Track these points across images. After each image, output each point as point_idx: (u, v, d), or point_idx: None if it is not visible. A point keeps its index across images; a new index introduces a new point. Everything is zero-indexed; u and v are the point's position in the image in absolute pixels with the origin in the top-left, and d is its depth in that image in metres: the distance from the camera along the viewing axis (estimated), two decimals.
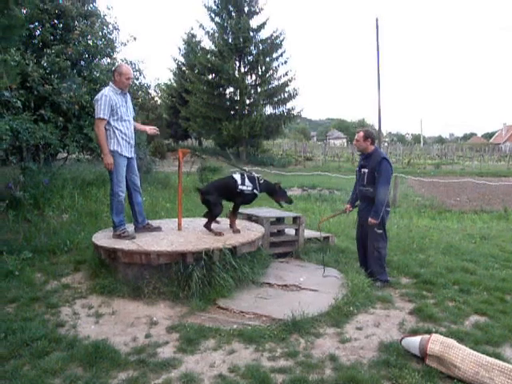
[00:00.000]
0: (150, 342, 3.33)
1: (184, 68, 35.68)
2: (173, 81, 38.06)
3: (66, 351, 3.10)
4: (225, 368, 2.98)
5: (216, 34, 28.99)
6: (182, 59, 36.56)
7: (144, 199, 5.38)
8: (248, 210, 6.31)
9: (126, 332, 3.50)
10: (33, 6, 8.10)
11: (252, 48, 28.82)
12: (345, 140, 70.93)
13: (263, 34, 29.39)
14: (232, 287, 4.27)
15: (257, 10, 28.89)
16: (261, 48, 28.71)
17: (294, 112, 29.91)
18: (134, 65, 10.75)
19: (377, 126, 23.92)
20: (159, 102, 37.69)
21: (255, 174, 5.09)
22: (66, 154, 9.91)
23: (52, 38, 9.00)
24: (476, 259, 5.91)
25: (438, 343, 2.99)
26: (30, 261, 5.01)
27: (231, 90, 29.70)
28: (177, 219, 5.27)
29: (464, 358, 2.87)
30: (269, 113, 29.61)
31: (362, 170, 4.91)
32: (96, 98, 4.66)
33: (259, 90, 28.92)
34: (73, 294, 4.19)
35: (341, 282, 4.75)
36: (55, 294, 4.18)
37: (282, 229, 5.98)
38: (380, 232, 4.75)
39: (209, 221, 5.01)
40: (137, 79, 11.10)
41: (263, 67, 28.83)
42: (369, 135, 4.88)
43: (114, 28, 10.11)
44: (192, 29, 35.92)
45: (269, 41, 28.79)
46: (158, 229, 5.11)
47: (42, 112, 8.08)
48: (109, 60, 10.19)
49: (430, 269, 5.35)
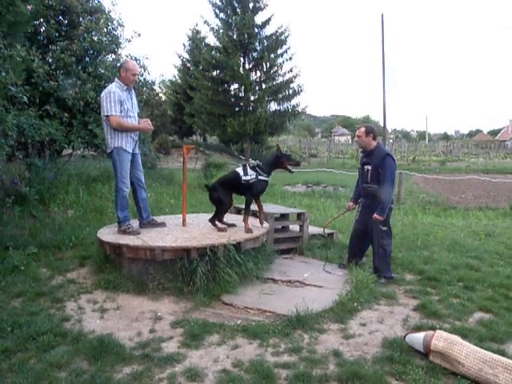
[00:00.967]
0: (154, 336, 3.35)
1: (188, 64, 35.61)
2: (177, 77, 38.00)
3: (71, 345, 3.12)
4: (229, 363, 2.99)
5: (221, 31, 28.87)
6: (186, 55, 36.47)
7: (148, 195, 5.39)
8: (252, 207, 6.31)
9: (131, 327, 3.52)
10: (38, 2, 8.12)
11: (257, 44, 28.69)
12: (349, 137, 70.73)
13: (268, 31, 29.10)
14: (236, 283, 4.28)
15: (261, 6, 28.74)
16: (265, 44, 28.58)
17: (299, 108, 29.77)
18: (139, 61, 10.73)
19: (382, 123, 23.82)
20: (164, 98, 37.63)
21: (256, 162, 4.94)
22: (71, 150, 9.95)
23: (57, 34, 9.01)
24: (481, 256, 5.89)
25: (441, 339, 2.99)
26: (35, 256, 5.05)
27: (236, 86, 29.60)
28: (181, 215, 5.28)
29: (468, 354, 2.87)
30: (273, 109, 29.51)
31: (365, 167, 4.86)
32: (103, 95, 4.65)
33: (264, 86, 28.82)
34: (78, 289, 4.22)
35: (345, 278, 4.75)
36: (60, 289, 4.21)
37: (287, 225, 5.98)
38: (385, 229, 4.74)
39: (214, 216, 5.01)
40: (141, 75, 11.10)
41: (268, 63, 28.71)
42: (370, 131, 4.85)
43: (119, 24, 10.09)
44: (197, 25, 35.74)
45: (273, 37, 28.66)
46: (163, 224, 5.13)
47: (47, 108, 8.10)
48: (114, 56, 10.18)
49: (435, 265, 5.34)
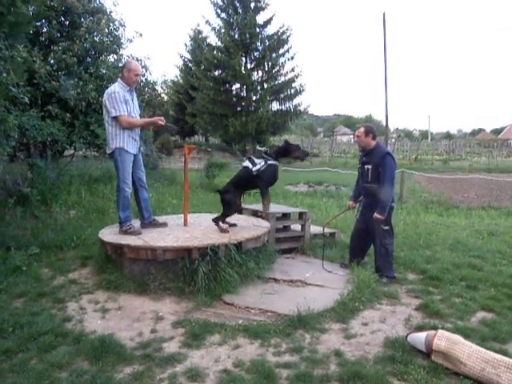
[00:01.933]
0: (155, 336, 3.35)
1: (190, 64, 35.62)
2: (179, 77, 38.03)
3: (72, 345, 3.12)
4: (230, 363, 2.99)
5: (222, 30, 28.88)
6: (188, 56, 36.50)
7: (150, 195, 5.41)
8: (253, 206, 6.32)
9: (132, 327, 3.52)
10: (39, 3, 8.14)
11: (258, 44, 28.71)
12: (352, 136, 70.60)
13: (270, 30, 29.16)
14: (237, 283, 4.28)
15: (263, 6, 28.72)
16: (267, 44, 28.59)
17: (301, 108, 29.79)
18: (141, 61, 10.73)
19: (384, 122, 23.78)
20: (166, 98, 37.68)
21: (263, 149, 5.06)
22: (72, 151, 9.97)
23: (59, 35, 9.02)
24: (483, 255, 5.87)
25: (444, 339, 2.98)
26: (37, 256, 5.07)
27: (238, 86, 29.63)
28: (183, 215, 5.28)
29: (470, 354, 2.85)
30: (275, 109, 29.53)
31: (366, 166, 4.85)
32: (106, 95, 4.65)
33: (266, 86, 28.83)
34: (79, 290, 4.23)
35: (347, 277, 4.74)
36: (62, 290, 4.22)
37: (288, 224, 5.97)
38: (386, 228, 4.72)
39: (220, 216, 4.99)
40: (143, 76, 11.11)
41: (270, 63, 28.72)
42: (370, 130, 4.84)
43: (120, 24, 10.10)
44: (198, 25, 35.76)
45: (275, 36, 28.66)
46: (164, 225, 5.13)
47: (49, 108, 8.11)
48: (115, 56, 10.19)
49: (437, 265, 5.32)
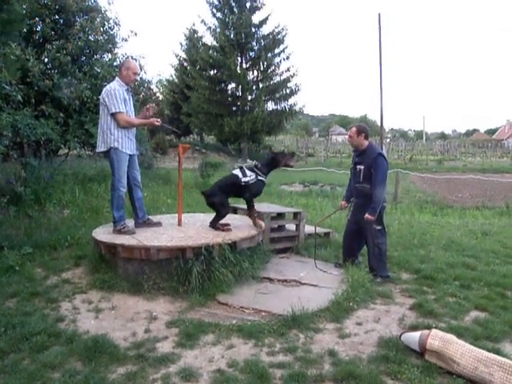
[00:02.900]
0: (149, 336, 3.33)
1: (186, 64, 35.52)
2: (174, 76, 37.91)
3: (65, 346, 3.10)
4: (224, 363, 2.98)
5: (218, 30, 28.86)
6: (183, 55, 36.38)
7: (145, 195, 5.39)
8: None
9: (126, 327, 3.50)
10: (33, 0, 8.09)
11: (254, 44, 28.71)
12: (347, 136, 70.74)
13: (265, 30, 29.16)
14: (232, 282, 4.26)
15: (259, 6, 28.72)
16: (263, 44, 28.59)
17: (296, 108, 29.83)
18: (136, 60, 10.70)
19: (379, 122, 23.83)
20: (161, 97, 37.56)
21: (254, 163, 5.02)
22: (67, 150, 9.92)
23: (53, 33, 8.97)
24: (477, 255, 5.90)
25: (437, 338, 2.99)
26: (30, 256, 5.03)
27: (233, 85, 29.63)
28: (177, 215, 5.26)
29: (463, 353, 2.86)
30: (271, 109, 29.55)
31: (358, 166, 4.85)
32: (106, 93, 4.62)
33: (261, 85, 28.83)
34: (73, 289, 4.19)
35: (341, 277, 4.75)
36: (55, 289, 4.19)
37: (283, 224, 5.97)
38: (379, 228, 4.73)
39: (214, 220, 4.93)
40: (138, 75, 11.07)
41: (265, 63, 28.72)
42: (362, 130, 4.85)
43: (115, 23, 10.05)
44: (194, 24, 35.63)
45: (271, 36, 28.66)
46: (159, 224, 5.11)
47: (42, 107, 8.07)
48: (110, 56, 10.15)
49: (431, 264, 5.34)
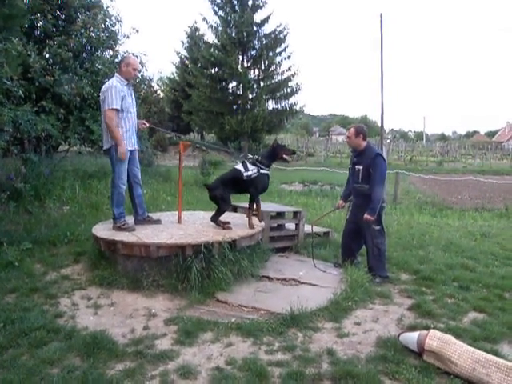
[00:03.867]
0: (147, 333, 3.33)
1: (187, 62, 35.51)
2: (175, 74, 37.91)
3: (64, 341, 3.10)
4: (222, 361, 2.98)
5: (219, 28, 28.86)
6: (184, 53, 36.38)
7: (145, 192, 5.39)
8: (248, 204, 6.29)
9: (125, 323, 3.51)
10: None
11: (255, 42, 28.71)
12: (345, 137, 70.81)
13: (267, 29, 29.17)
14: (231, 280, 4.27)
15: (260, 4, 28.70)
16: (264, 42, 28.59)
17: (297, 107, 29.85)
18: (137, 57, 10.69)
19: (379, 123, 23.85)
20: (162, 95, 37.53)
21: (255, 157, 5.01)
22: (67, 147, 9.91)
23: (54, 29, 8.94)
24: (476, 256, 5.90)
25: (435, 339, 2.99)
26: (30, 252, 5.02)
27: (234, 84, 29.63)
28: (177, 212, 5.27)
29: (461, 354, 2.87)
30: (271, 108, 29.56)
31: (356, 166, 4.86)
32: (104, 89, 4.62)
33: (262, 84, 28.82)
34: (72, 285, 4.20)
35: (340, 277, 4.75)
36: (54, 285, 4.19)
37: (283, 223, 5.97)
38: (378, 228, 4.74)
39: (216, 215, 4.95)
40: (139, 72, 11.06)
41: (266, 62, 28.73)
42: (360, 131, 4.86)
43: (117, 20, 10.04)
44: (195, 22, 35.65)
45: (272, 35, 28.66)
46: (158, 221, 5.11)
47: (43, 103, 8.05)
48: (111, 52, 10.14)
49: (430, 265, 5.35)
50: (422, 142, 59.42)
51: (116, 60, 9.46)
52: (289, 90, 29.27)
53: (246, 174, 4.80)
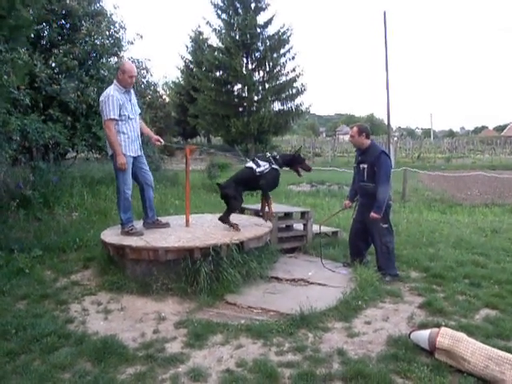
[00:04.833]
0: (158, 337, 3.35)
1: (191, 66, 35.70)
2: (180, 79, 38.11)
3: (75, 347, 3.13)
4: (232, 363, 2.98)
5: (223, 31, 28.92)
6: (189, 57, 36.57)
7: (153, 196, 5.40)
8: (256, 206, 6.30)
9: (135, 328, 3.52)
10: (40, 6, 8.16)
11: (259, 44, 28.71)
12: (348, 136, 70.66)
13: (270, 30, 29.16)
14: (240, 282, 4.27)
15: (263, 6, 28.72)
16: (268, 44, 28.58)
17: (303, 108, 29.78)
18: (141, 63, 10.78)
19: (386, 121, 23.82)
20: (167, 100, 37.67)
21: (268, 153, 5.21)
22: (75, 154, 10.00)
23: (59, 38, 9.07)
24: (487, 253, 5.84)
25: (447, 337, 2.96)
26: (40, 259, 5.07)
27: (239, 86, 29.65)
28: (185, 215, 5.28)
29: (474, 351, 2.83)
30: (277, 109, 29.52)
31: (361, 165, 4.85)
32: (102, 99, 4.63)
33: (267, 86, 28.83)
34: (82, 291, 4.23)
35: (349, 276, 4.73)
36: (65, 291, 4.23)
37: (291, 224, 5.96)
38: (386, 226, 4.71)
39: (225, 214, 5.00)
40: (144, 77, 11.14)
41: (271, 63, 28.72)
42: (363, 130, 4.86)
43: (121, 27, 10.13)
44: (199, 26, 35.79)
45: (276, 37, 28.65)
46: (167, 225, 5.12)
47: (50, 112, 8.15)
48: (116, 59, 10.23)
49: (440, 262, 5.29)
50: (429, 138, 58.95)
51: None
52: (294, 90, 29.24)
53: (258, 169, 4.97)
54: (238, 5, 28.54)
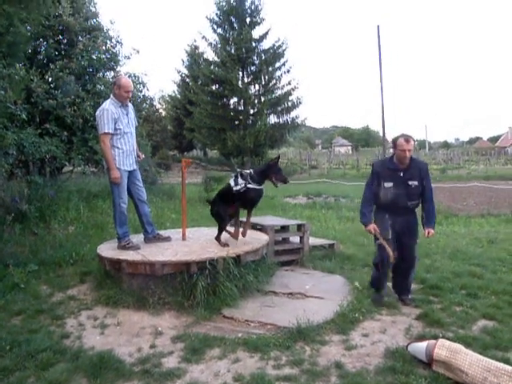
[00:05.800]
0: (154, 352, 3.32)
1: (188, 79, 36.01)
2: (177, 92, 38.41)
3: (70, 362, 3.10)
4: (229, 377, 2.96)
5: (219, 45, 29.28)
6: (185, 71, 36.92)
7: (150, 210, 5.40)
8: (252, 219, 6.30)
9: (131, 342, 3.49)
10: (37, 22, 8.25)
11: (255, 58, 29.03)
12: (349, 147, 71.13)
13: (266, 44, 29.57)
14: (237, 296, 4.25)
15: (258, 21, 29.15)
16: (263, 58, 28.90)
17: (298, 121, 30.02)
18: (138, 78, 10.83)
19: (381, 133, 23.93)
20: (164, 113, 38.00)
21: (249, 170, 4.76)
22: (71, 168, 10.00)
23: (56, 53, 9.14)
24: (483, 263, 5.84)
25: (444, 348, 2.95)
26: (35, 273, 5.03)
27: (235, 100, 29.89)
28: (181, 229, 5.27)
29: (472, 363, 2.82)
30: (273, 122, 29.72)
31: (410, 182, 4.17)
32: (97, 113, 4.64)
33: (263, 99, 29.06)
34: (78, 306, 4.20)
35: (347, 288, 4.72)
36: (61, 306, 4.20)
37: (287, 237, 5.96)
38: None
39: (218, 233, 4.86)
40: (140, 92, 11.20)
41: (266, 77, 29.02)
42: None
43: (118, 42, 10.21)
44: (195, 41, 36.26)
45: (271, 50, 29.01)
46: (168, 239, 5.09)
47: (46, 126, 8.17)
48: (113, 73, 10.30)
49: (437, 274, 5.29)
50: (424, 150, 59.36)
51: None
52: (290, 103, 29.48)
53: (235, 188, 4.65)
54: (234, 19, 28.94)
